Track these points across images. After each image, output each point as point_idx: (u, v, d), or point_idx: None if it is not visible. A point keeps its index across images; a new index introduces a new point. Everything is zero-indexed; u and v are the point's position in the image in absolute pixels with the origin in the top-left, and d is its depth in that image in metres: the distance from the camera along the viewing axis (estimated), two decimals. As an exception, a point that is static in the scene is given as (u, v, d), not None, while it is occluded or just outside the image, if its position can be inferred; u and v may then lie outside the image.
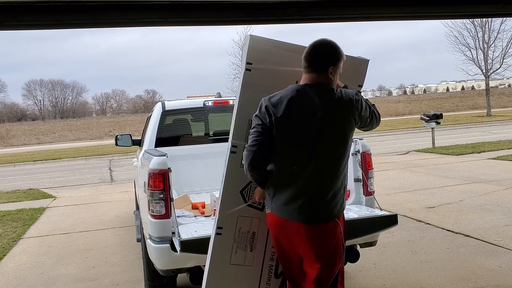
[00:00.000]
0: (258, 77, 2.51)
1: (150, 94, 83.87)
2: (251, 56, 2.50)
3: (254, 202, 2.63)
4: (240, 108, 2.53)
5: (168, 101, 5.15)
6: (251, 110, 2.46)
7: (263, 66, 2.52)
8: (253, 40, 2.51)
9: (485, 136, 18.70)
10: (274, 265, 2.72)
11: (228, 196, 2.59)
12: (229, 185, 2.59)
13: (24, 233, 7.03)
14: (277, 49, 2.57)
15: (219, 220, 2.59)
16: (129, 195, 9.58)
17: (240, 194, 2.61)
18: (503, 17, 22.42)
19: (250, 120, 2.48)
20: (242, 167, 2.49)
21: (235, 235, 2.61)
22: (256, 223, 2.64)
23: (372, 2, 3.86)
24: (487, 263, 4.50)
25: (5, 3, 3.10)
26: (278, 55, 2.55)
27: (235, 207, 2.61)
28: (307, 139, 2.35)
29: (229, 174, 2.59)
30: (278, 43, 2.59)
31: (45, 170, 18.04)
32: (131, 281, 4.65)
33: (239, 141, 2.54)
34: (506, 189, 7.86)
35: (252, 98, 2.47)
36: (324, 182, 2.38)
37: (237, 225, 2.61)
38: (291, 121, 2.35)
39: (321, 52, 2.40)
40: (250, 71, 2.50)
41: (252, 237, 2.64)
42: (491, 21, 31.96)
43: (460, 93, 62.68)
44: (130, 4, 3.32)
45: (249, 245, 2.65)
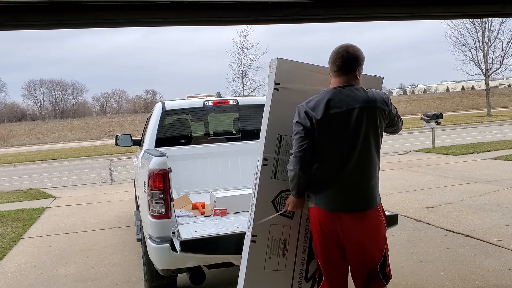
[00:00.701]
0: (285, 95, 2.76)
1: (150, 94, 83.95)
2: (279, 77, 2.76)
3: (285, 211, 2.81)
4: (270, 124, 2.76)
5: (168, 101, 5.15)
6: (280, 125, 2.74)
7: (290, 85, 2.78)
8: (280, 62, 2.77)
9: (485, 136, 18.70)
10: (304, 269, 2.89)
11: (261, 206, 2.77)
12: (261, 195, 2.77)
13: (24, 233, 7.04)
14: (302, 70, 2.83)
15: (253, 228, 2.77)
16: (129, 195, 9.58)
17: (271, 204, 2.79)
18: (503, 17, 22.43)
19: (279, 135, 2.77)
20: (274, 178, 2.76)
21: (268, 242, 2.80)
22: (287, 231, 2.83)
23: (372, 2, 3.86)
24: (487, 263, 4.50)
25: (5, 3, 3.10)
26: (302, 75, 2.81)
27: (267, 216, 2.78)
28: (347, 135, 2.56)
29: (262, 185, 2.77)
30: (302, 64, 2.84)
31: (45, 170, 18.04)
32: (131, 281, 4.65)
33: (270, 154, 2.77)
34: (506, 189, 7.86)
35: (280, 115, 2.77)
36: (364, 175, 2.60)
37: (270, 232, 2.80)
38: (331, 121, 2.56)
39: (349, 55, 2.62)
40: (278, 90, 2.77)
41: (283, 243, 2.83)
42: (491, 21, 31.95)
43: (460, 93, 62.68)
44: (130, 4, 3.32)
45: (281, 251, 2.83)
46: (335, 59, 2.63)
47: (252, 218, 2.79)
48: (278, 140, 2.76)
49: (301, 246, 2.85)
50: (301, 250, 2.85)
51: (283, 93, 2.76)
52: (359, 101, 2.56)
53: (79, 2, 3.19)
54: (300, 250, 2.85)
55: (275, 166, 2.77)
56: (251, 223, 2.80)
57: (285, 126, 2.74)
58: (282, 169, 2.77)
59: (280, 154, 2.77)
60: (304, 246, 2.87)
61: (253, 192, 2.83)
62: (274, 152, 2.75)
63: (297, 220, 2.83)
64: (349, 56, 2.62)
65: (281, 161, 2.77)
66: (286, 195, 2.78)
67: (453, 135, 20.50)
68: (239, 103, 4.98)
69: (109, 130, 47.35)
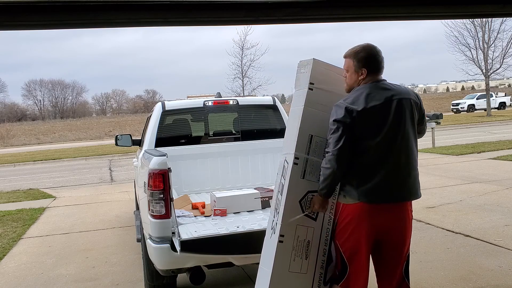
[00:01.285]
0: (318, 96, 2.82)
1: (150, 94, 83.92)
2: (314, 77, 2.81)
3: (310, 212, 2.82)
4: (303, 122, 2.78)
5: (168, 101, 5.15)
6: (311, 124, 2.79)
7: (323, 86, 2.85)
8: (315, 63, 2.82)
9: (485, 136, 18.69)
10: (323, 272, 2.88)
11: (289, 206, 2.76)
12: (291, 195, 2.76)
13: (24, 233, 7.03)
14: (334, 73, 2.90)
15: (282, 228, 2.75)
16: (129, 195, 9.57)
17: (299, 204, 2.79)
18: (503, 17, 22.42)
19: (310, 134, 2.79)
20: (303, 178, 2.76)
21: (293, 243, 2.79)
22: (311, 232, 2.83)
23: (372, 2, 3.86)
24: (487, 263, 4.50)
25: (4, 3, 3.10)
26: (333, 78, 2.89)
27: (294, 216, 2.78)
28: (388, 126, 2.62)
29: (292, 185, 2.76)
30: (334, 67, 2.93)
31: (45, 170, 18.03)
32: (131, 281, 4.65)
33: (301, 153, 2.78)
34: (506, 189, 7.86)
35: (313, 114, 2.80)
36: (408, 164, 2.68)
37: (296, 233, 2.79)
38: (372, 113, 2.61)
39: (380, 56, 2.75)
40: (312, 90, 2.81)
41: (307, 245, 2.82)
42: (491, 21, 31.92)
43: (460, 93, 62.68)
44: (130, 4, 3.32)
45: (304, 253, 2.82)
46: (370, 59, 2.72)
47: (279, 217, 2.77)
48: (309, 140, 2.79)
49: (322, 249, 2.86)
50: (322, 253, 2.87)
51: (316, 94, 2.81)
52: (395, 93, 2.67)
53: (79, 2, 3.19)
54: (321, 253, 2.86)
55: (304, 166, 2.78)
56: (277, 223, 2.78)
57: (316, 127, 2.79)
58: (310, 169, 2.79)
59: (309, 154, 2.79)
60: (325, 249, 2.87)
61: (279, 191, 2.82)
62: (304, 152, 2.77)
63: (320, 222, 2.83)
64: (381, 57, 2.75)
65: (310, 161, 2.79)
66: (312, 196, 2.79)
67: (453, 135, 20.50)
68: (239, 103, 4.98)
69: (109, 130, 47.35)
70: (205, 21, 3.81)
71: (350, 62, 2.75)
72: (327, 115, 2.73)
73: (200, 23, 3.94)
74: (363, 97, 2.64)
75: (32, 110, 77.59)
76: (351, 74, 2.75)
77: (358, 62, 2.71)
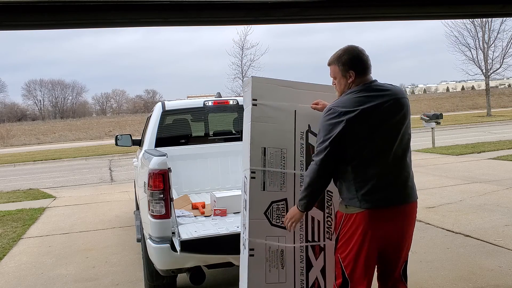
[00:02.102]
0: (263, 110, 2.87)
1: (150, 94, 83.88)
2: (255, 94, 2.86)
3: (279, 222, 2.81)
4: (253, 137, 2.82)
5: (168, 101, 5.15)
6: (262, 138, 2.82)
7: (266, 101, 2.89)
8: (254, 81, 2.88)
9: (485, 136, 18.70)
10: (304, 279, 2.88)
11: (255, 220, 2.79)
12: (254, 209, 2.78)
13: (24, 233, 7.04)
14: (275, 86, 2.94)
15: (250, 242, 2.77)
16: (129, 195, 9.58)
17: (264, 215, 2.80)
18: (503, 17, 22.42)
19: (263, 147, 2.81)
20: (263, 190, 2.77)
21: (266, 255, 2.80)
22: (283, 241, 2.83)
23: (372, 2, 3.86)
24: (487, 263, 4.50)
25: (4, 3, 3.10)
26: (277, 91, 2.93)
27: (261, 228, 2.79)
28: (385, 128, 2.55)
29: (253, 199, 2.79)
30: (275, 81, 2.97)
31: (45, 170, 18.04)
32: (131, 281, 4.65)
33: (257, 167, 2.80)
34: (506, 189, 7.86)
35: (262, 128, 2.83)
36: (406, 165, 2.63)
37: (266, 245, 2.80)
38: (367, 115, 2.52)
39: (364, 54, 2.67)
40: (256, 106, 2.86)
41: (281, 254, 2.83)
42: (491, 21, 31.95)
43: (460, 93, 62.68)
44: (130, 4, 3.31)
45: (279, 263, 2.83)
46: (358, 61, 2.65)
47: (246, 232, 2.79)
48: (262, 153, 2.82)
49: (298, 256, 2.86)
50: (299, 260, 2.86)
51: (261, 108, 2.85)
52: (390, 94, 2.60)
53: (79, 2, 3.19)
54: (298, 260, 2.86)
55: (263, 178, 2.80)
56: (246, 238, 2.80)
57: (267, 139, 2.82)
58: (270, 180, 2.81)
59: (266, 166, 2.81)
60: (301, 255, 2.86)
61: (244, 207, 2.86)
62: (260, 165, 2.80)
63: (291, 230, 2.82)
64: (366, 55, 2.68)
65: (268, 172, 2.81)
66: (277, 205, 2.80)
67: (453, 135, 20.50)
68: (239, 103, 4.98)
69: (109, 130, 47.34)
70: (205, 21, 3.81)
71: (335, 68, 2.66)
72: (277, 126, 2.81)
73: (200, 23, 3.94)
74: (356, 99, 2.55)
75: (32, 110, 77.64)
76: (339, 80, 2.67)
77: (344, 65, 2.62)
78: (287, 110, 2.88)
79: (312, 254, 2.86)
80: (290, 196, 2.83)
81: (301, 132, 2.90)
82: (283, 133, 2.86)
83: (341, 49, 2.68)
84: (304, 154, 2.88)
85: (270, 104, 2.87)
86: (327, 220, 2.90)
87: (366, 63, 2.66)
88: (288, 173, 2.84)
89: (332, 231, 2.87)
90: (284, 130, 2.86)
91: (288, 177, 2.84)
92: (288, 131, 2.87)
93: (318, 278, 2.87)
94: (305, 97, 2.93)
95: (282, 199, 2.82)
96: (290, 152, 2.86)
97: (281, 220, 2.80)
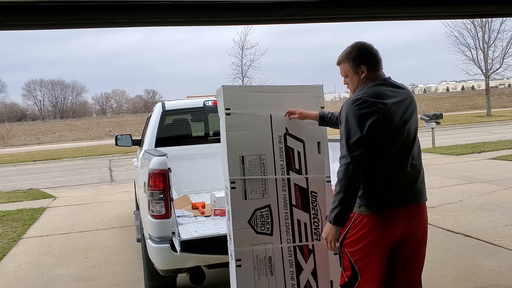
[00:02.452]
0: (237, 118, 2.84)
1: (150, 94, 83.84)
2: (228, 103, 2.84)
3: (264, 229, 2.79)
4: (229, 147, 2.79)
5: (168, 101, 5.15)
6: (238, 146, 2.79)
7: (239, 108, 2.86)
8: (225, 90, 2.87)
9: (485, 136, 18.70)
10: (295, 283, 2.86)
11: (239, 229, 2.77)
12: (237, 218, 2.77)
13: (24, 233, 7.04)
14: (247, 92, 2.94)
15: (236, 253, 2.75)
16: (129, 195, 9.58)
17: (248, 224, 2.78)
18: (503, 17, 22.41)
19: (241, 156, 2.77)
20: (245, 199, 2.74)
21: (254, 264, 2.78)
22: (270, 248, 2.81)
23: (372, 2, 3.86)
24: (487, 263, 4.50)
25: (4, 3, 3.10)
26: (249, 97, 2.91)
27: (247, 237, 2.77)
28: (405, 126, 2.46)
29: (235, 209, 2.76)
30: (247, 87, 3.17)
31: (45, 170, 18.04)
32: (131, 281, 4.65)
33: (236, 176, 2.77)
34: (506, 189, 7.86)
35: (237, 136, 2.81)
36: (420, 164, 2.57)
37: (253, 254, 2.78)
38: (393, 111, 2.40)
39: (373, 48, 2.56)
40: (230, 115, 2.84)
41: (269, 261, 2.81)
42: (491, 21, 31.95)
43: (460, 93, 62.67)
44: (130, 4, 3.31)
45: (268, 270, 2.81)
46: (368, 54, 2.54)
47: (232, 243, 2.78)
48: (240, 162, 2.79)
49: (287, 261, 2.84)
50: (288, 265, 2.84)
51: (235, 117, 2.83)
52: (405, 93, 2.52)
53: (79, 2, 3.19)
54: (287, 265, 2.84)
55: (243, 187, 2.77)
56: (232, 249, 2.79)
57: (245, 147, 2.80)
58: (251, 189, 2.78)
59: (245, 175, 2.79)
60: (290, 260, 2.84)
61: (228, 218, 2.84)
62: (239, 174, 2.78)
63: (277, 235, 2.81)
64: (375, 49, 2.58)
65: (248, 181, 2.79)
66: (261, 213, 2.78)
67: (453, 135, 20.49)
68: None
69: (109, 130, 47.34)
70: (205, 21, 3.81)
71: (345, 66, 2.56)
72: (253, 133, 2.79)
73: (200, 23, 3.94)
74: (383, 92, 2.41)
75: (32, 110, 77.62)
76: (351, 77, 2.55)
77: (354, 61, 2.52)
78: (262, 116, 2.86)
79: (301, 257, 2.83)
80: (273, 202, 2.80)
81: (279, 135, 2.86)
82: (260, 139, 2.82)
83: (349, 46, 2.58)
84: (284, 157, 2.85)
85: (244, 111, 2.85)
86: (314, 222, 2.86)
87: (377, 56, 2.55)
88: (269, 179, 2.81)
89: (320, 232, 2.83)
90: (261, 136, 2.82)
91: (269, 183, 2.81)
92: (265, 136, 2.83)
93: (310, 281, 2.84)
94: (279, 100, 2.91)
95: (265, 206, 2.79)
96: (269, 157, 2.82)
97: (266, 227, 2.78)
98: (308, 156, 2.89)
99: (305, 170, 2.87)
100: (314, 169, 2.89)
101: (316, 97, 3.01)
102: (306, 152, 2.89)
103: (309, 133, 2.92)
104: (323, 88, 3.10)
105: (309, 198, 2.86)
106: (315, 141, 2.93)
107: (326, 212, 2.83)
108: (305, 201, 2.84)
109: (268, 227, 2.79)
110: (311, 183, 2.87)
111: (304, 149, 2.90)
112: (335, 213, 2.33)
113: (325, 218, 2.57)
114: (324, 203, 2.86)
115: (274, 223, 2.80)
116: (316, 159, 2.91)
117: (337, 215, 2.33)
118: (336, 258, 2.81)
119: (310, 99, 2.99)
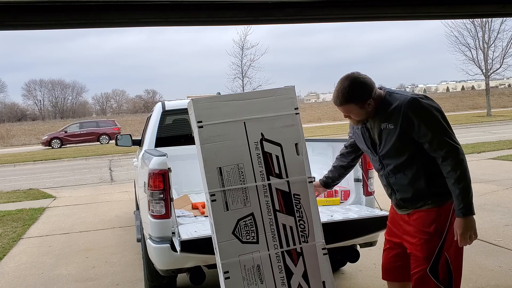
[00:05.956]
0: (210, 130, 2.84)
1: (150, 94, 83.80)
2: (199, 116, 2.84)
3: (249, 239, 2.78)
4: (206, 160, 2.78)
5: (168, 101, 5.15)
6: (214, 158, 2.77)
7: (212, 120, 2.86)
8: (195, 103, 2.87)
9: (485, 136, 18.70)
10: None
11: (224, 241, 2.75)
12: (221, 231, 2.75)
13: (24, 233, 7.04)
14: (218, 102, 2.91)
15: (223, 266, 2.74)
16: (129, 195, 9.58)
17: (233, 235, 2.76)
18: (503, 17, 22.43)
19: (218, 167, 2.76)
20: (227, 210, 2.72)
21: (242, 274, 2.76)
22: (257, 256, 2.79)
23: (372, 2, 3.87)
24: (487, 263, 4.50)
25: (5, 3, 3.10)
26: (220, 107, 2.90)
27: (233, 249, 2.76)
28: None
29: (218, 221, 2.74)
30: (217, 97, 2.95)
31: (45, 170, 18.04)
32: (131, 281, 4.65)
33: (216, 189, 2.75)
34: (506, 189, 7.86)
35: (212, 148, 2.80)
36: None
37: (241, 264, 2.76)
38: None
39: (361, 75, 2.59)
40: (202, 128, 2.85)
41: (258, 270, 2.79)
42: (491, 21, 31.95)
43: (460, 93, 62.66)
44: (130, 4, 3.32)
45: (258, 278, 2.79)
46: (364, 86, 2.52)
47: (218, 256, 2.76)
48: (218, 173, 2.77)
49: (276, 267, 2.81)
50: (278, 270, 2.81)
51: (208, 129, 2.83)
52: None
53: (79, 2, 3.19)
54: (277, 271, 2.81)
55: (224, 199, 2.75)
56: (219, 261, 2.77)
57: (221, 158, 2.77)
58: (232, 199, 2.76)
59: (225, 186, 2.76)
60: (279, 265, 2.81)
61: (212, 230, 2.82)
62: (218, 186, 2.75)
63: (264, 242, 2.78)
64: (362, 75, 2.61)
65: (229, 191, 2.76)
66: (245, 222, 2.75)
67: (453, 135, 20.46)
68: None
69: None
70: (205, 21, 3.81)
71: (349, 108, 2.54)
72: (228, 142, 2.77)
73: (200, 23, 3.95)
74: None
75: (32, 110, 77.58)
76: (358, 112, 2.54)
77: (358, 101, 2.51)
78: (235, 124, 2.83)
79: (290, 261, 2.80)
80: (256, 209, 2.77)
81: (255, 142, 2.82)
82: (236, 148, 2.78)
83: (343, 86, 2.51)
84: (262, 163, 2.81)
85: (216, 122, 2.83)
86: (299, 224, 2.83)
87: (370, 80, 2.53)
88: (249, 187, 2.78)
89: (307, 234, 2.82)
90: (236, 145, 2.79)
91: (250, 191, 2.77)
92: (241, 144, 2.80)
93: (301, 284, 2.81)
94: (252, 106, 2.87)
95: (248, 215, 2.76)
96: (248, 165, 2.78)
97: (251, 235, 2.75)
98: (287, 159, 2.85)
99: (285, 173, 2.84)
100: (294, 171, 2.85)
101: (289, 99, 2.97)
102: (284, 155, 2.85)
103: (285, 136, 2.88)
104: (295, 89, 3.07)
105: (292, 201, 2.82)
106: (292, 143, 2.88)
107: (311, 213, 2.81)
108: (288, 205, 2.81)
109: (254, 236, 2.76)
110: (293, 186, 2.83)
111: (282, 152, 2.85)
112: (470, 201, 2.64)
113: (454, 215, 2.64)
114: (308, 204, 2.83)
115: (259, 231, 2.76)
116: (295, 161, 2.87)
117: (471, 201, 2.62)
118: (326, 258, 2.81)
119: (283, 101, 2.95)
